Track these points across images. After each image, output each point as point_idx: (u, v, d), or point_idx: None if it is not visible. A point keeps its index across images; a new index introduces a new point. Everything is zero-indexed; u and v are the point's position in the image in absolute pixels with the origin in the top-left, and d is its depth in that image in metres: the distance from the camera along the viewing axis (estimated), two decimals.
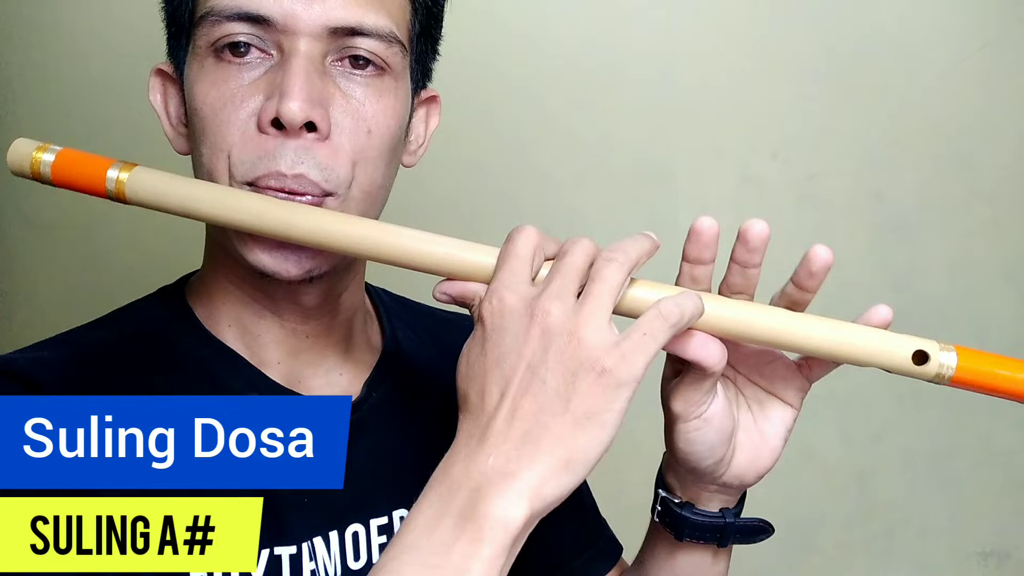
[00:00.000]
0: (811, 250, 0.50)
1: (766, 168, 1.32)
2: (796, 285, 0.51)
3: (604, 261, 0.46)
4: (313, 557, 0.55)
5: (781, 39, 1.31)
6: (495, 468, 0.42)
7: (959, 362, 0.48)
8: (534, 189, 1.28)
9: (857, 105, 1.32)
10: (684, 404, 0.51)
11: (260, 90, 0.52)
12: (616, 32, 1.28)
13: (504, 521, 0.41)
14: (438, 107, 0.64)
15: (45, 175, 0.53)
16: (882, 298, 1.41)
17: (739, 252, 0.51)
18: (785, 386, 0.55)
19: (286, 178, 0.51)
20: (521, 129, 1.28)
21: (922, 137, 1.34)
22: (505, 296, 0.45)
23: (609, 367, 0.42)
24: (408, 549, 0.42)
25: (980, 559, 1.39)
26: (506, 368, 0.43)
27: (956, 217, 1.35)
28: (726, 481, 0.55)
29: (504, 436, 0.42)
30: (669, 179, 1.30)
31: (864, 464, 1.37)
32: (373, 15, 0.53)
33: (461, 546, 0.41)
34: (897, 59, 1.33)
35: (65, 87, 1.23)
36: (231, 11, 0.52)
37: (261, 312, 0.58)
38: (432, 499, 0.43)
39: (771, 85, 1.31)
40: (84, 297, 1.23)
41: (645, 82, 1.29)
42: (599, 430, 0.42)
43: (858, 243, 1.34)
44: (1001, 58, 1.34)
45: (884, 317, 0.51)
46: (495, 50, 1.26)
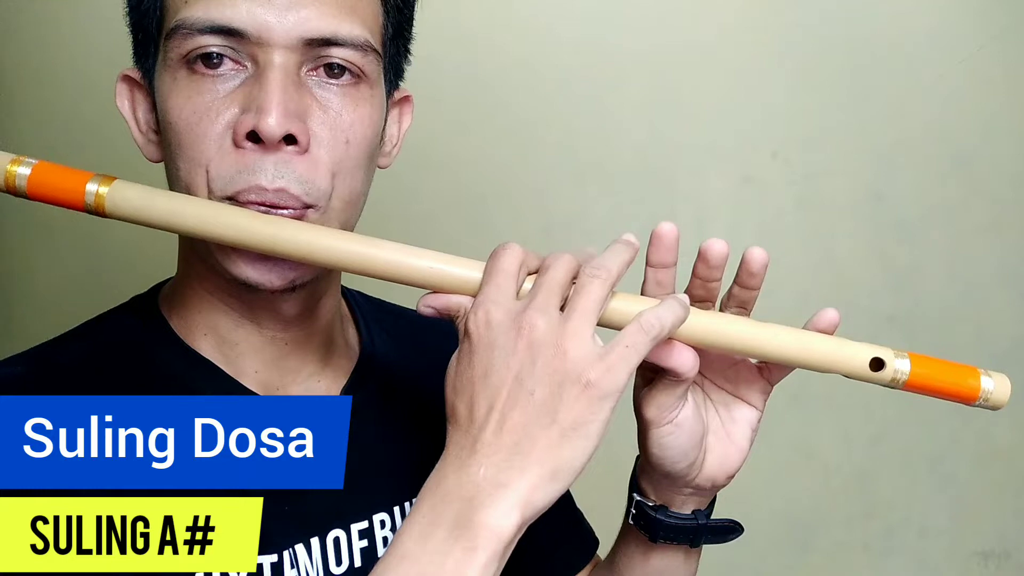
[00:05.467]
0: (747, 252, 0.53)
1: (766, 168, 1.32)
2: (740, 285, 0.54)
3: (588, 277, 0.47)
4: (295, 564, 0.55)
5: (781, 39, 1.31)
6: (486, 479, 0.44)
7: (912, 368, 0.51)
8: (534, 189, 1.28)
9: (857, 105, 1.32)
10: (657, 410, 0.53)
11: (236, 102, 0.51)
12: (616, 32, 1.28)
13: (497, 530, 0.43)
14: (411, 107, 0.64)
15: (20, 188, 0.52)
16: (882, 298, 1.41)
17: (700, 268, 0.53)
18: (749, 389, 0.57)
19: (267, 192, 0.51)
20: (521, 129, 1.28)
21: (922, 137, 1.34)
22: (491, 310, 0.46)
23: (594, 380, 0.44)
24: (403, 559, 0.43)
25: (980, 559, 1.39)
26: (494, 381, 0.45)
27: (956, 217, 1.35)
28: (699, 483, 0.57)
29: (494, 447, 0.44)
30: (669, 179, 1.30)
31: (864, 464, 1.37)
32: (348, 24, 0.52)
33: (456, 554, 0.42)
34: (897, 59, 1.33)
35: (56, 93, 1.22)
36: (203, 24, 0.51)
37: (239, 320, 0.58)
38: (425, 510, 0.44)
39: (771, 85, 1.31)
40: (84, 296, 1.23)
41: (645, 82, 1.29)
42: (584, 440, 0.44)
43: (858, 243, 1.34)
44: (1001, 58, 1.34)
45: (831, 320, 0.53)
46: (495, 50, 1.26)
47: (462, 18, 1.20)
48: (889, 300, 1.33)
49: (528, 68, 1.27)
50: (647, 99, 1.29)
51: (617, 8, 1.29)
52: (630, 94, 1.29)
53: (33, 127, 1.23)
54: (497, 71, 1.26)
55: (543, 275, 0.48)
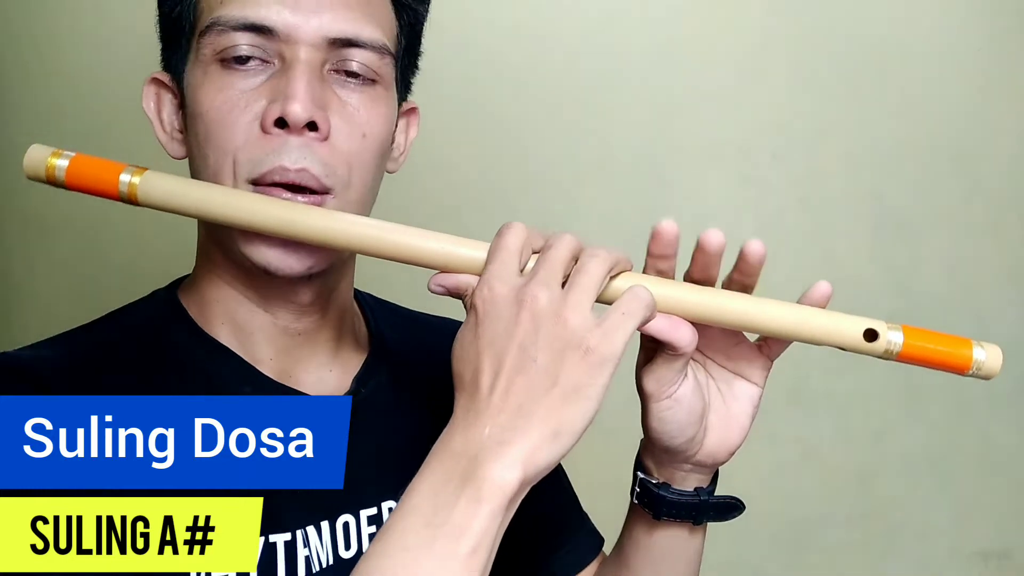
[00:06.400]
0: (745, 245, 0.54)
1: (766, 168, 1.32)
2: (740, 272, 0.55)
3: (588, 256, 0.50)
4: (307, 544, 0.57)
5: (781, 39, 1.31)
6: (492, 437, 0.46)
7: (905, 339, 0.52)
8: (534, 189, 1.29)
9: (857, 105, 1.32)
10: (656, 384, 0.56)
11: (263, 95, 0.55)
12: (616, 32, 1.28)
13: (501, 483, 0.45)
14: (417, 118, 0.68)
15: (59, 179, 0.56)
16: (882, 298, 1.40)
17: (698, 257, 0.55)
18: (749, 366, 0.59)
19: (289, 172, 0.55)
20: (521, 129, 1.28)
21: (922, 137, 1.34)
22: (496, 285, 0.49)
23: (593, 345, 0.47)
24: (412, 511, 0.45)
25: (980, 559, 1.39)
26: (498, 349, 0.47)
27: (956, 217, 1.35)
28: (700, 460, 0.59)
29: (499, 409, 0.46)
30: (669, 179, 1.30)
31: (864, 464, 1.37)
32: (368, 28, 0.57)
33: (462, 505, 0.44)
34: (897, 59, 1.33)
35: (70, 92, 1.23)
36: (237, 21, 0.55)
37: (254, 310, 0.61)
38: (434, 467, 0.47)
39: (771, 85, 1.31)
40: (84, 296, 1.24)
41: (645, 82, 1.29)
42: (585, 402, 0.47)
43: (858, 243, 1.34)
44: (1001, 58, 1.34)
45: (824, 292, 0.55)
46: (496, 51, 1.26)
47: (462, 19, 1.20)
48: (889, 300, 1.33)
49: (528, 68, 1.27)
50: (647, 99, 1.29)
51: (617, 8, 1.29)
52: (630, 94, 1.29)
53: (39, 126, 1.23)
54: (497, 72, 1.26)
55: (546, 252, 0.50)
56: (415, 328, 0.73)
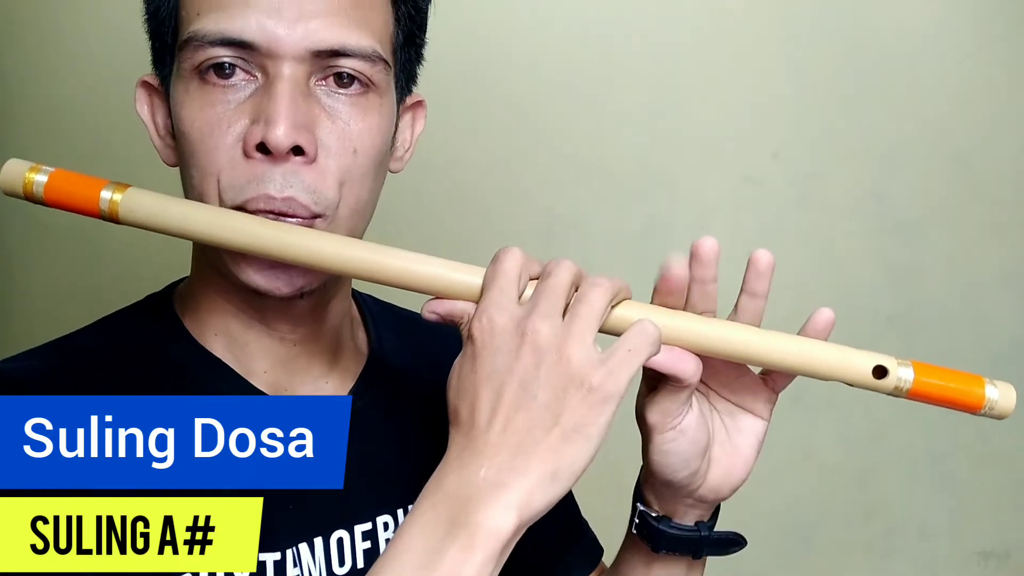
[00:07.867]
0: (754, 254, 0.53)
1: (766, 168, 1.32)
2: (748, 292, 0.53)
3: (589, 286, 0.48)
4: (297, 563, 0.55)
5: (781, 39, 1.31)
6: (487, 479, 0.44)
7: (916, 376, 0.51)
8: (535, 190, 1.28)
9: (857, 105, 1.32)
10: (660, 416, 0.54)
11: (246, 113, 0.52)
12: (616, 32, 1.28)
13: (495, 530, 0.43)
14: (423, 111, 0.64)
15: (38, 195, 0.53)
16: (882, 298, 1.41)
17: (693, 268, 0.52)
18: (754, 399, 0.57)
19: (275, 201, 0.52)
20: (522, 130, 1.28)
21: (922, 137, 1.34)
22: (495, 315, 0.47)
23: (596, 384, 0.45)
24: (402, 554, 0.44)
25: (980, 559, 1.39)
26: (497, 384, 0.45)
27: (956, 217, 1.35)
28: (702, 495, 0.57)
29: (497, 448, 0.45)
30: (669, 179, 1.30)
31: (864, 464, 1.37)
32: (356, 35, 0.53)
33: (453, 553, 0.43)
34: (897, 59, 1.33)
35: (65, 100, 1.23)
36: (214, 36, 0.52)
37: (249, 323, 0.59)
38: (426, 508, 0.45)
39: (771, 85, 1.31)
40: (83, 297, 1.24)
41: (645, 82, 1.29)
42: (585, 442, 0.45)
43: (858, 243, 1.34)
44: (1001, 58, 1.34)
45: (827, 319, 0.53)
46: (496, 52, 1.26)
47: (463, 20, 1.20)
48: (889, 300, 1.33)
49: (528, 69, 1.27)
50: (647, 99, 1.29)
51: (618, 8, 1.29)
52: (630, 94, 1.29)
53: (36, 134, 1.23)
54: (498, 72, 1.26)
55: (545, 280, 0.48)
56: (418, 332, 0.70)
